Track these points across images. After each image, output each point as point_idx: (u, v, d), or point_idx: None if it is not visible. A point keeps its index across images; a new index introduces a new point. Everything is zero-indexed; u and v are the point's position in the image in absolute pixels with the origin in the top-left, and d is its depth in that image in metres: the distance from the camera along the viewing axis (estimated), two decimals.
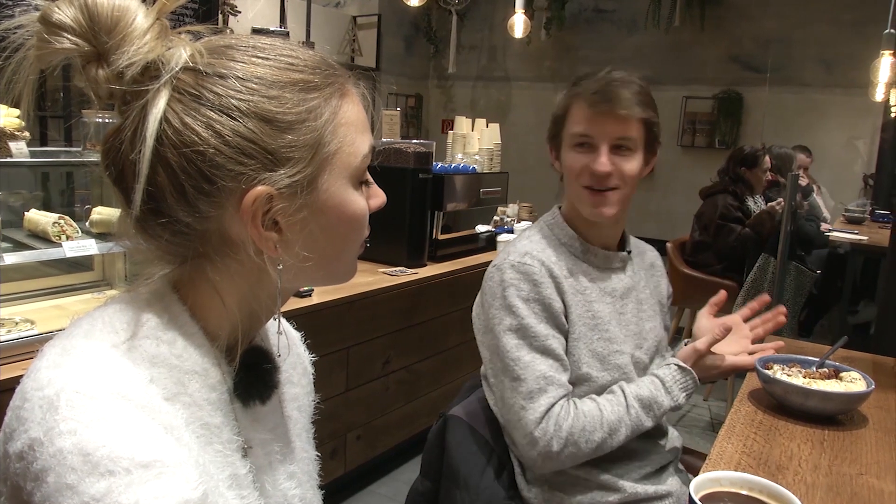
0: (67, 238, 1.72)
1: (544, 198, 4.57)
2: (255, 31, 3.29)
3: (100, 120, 1.74)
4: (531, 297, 1.24)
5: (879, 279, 4.09)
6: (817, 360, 1.40)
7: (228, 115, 0.59)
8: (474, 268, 2.93)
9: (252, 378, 0.68)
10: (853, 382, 1.31)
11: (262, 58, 0.62)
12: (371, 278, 2.53)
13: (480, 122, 3.44)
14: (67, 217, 1.74)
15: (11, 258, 1.60)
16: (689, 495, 0.84)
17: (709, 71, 6.76)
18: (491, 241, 3.28)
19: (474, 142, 3.29)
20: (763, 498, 0.88)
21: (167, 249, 0.64)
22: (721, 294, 1.41)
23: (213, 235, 0.63)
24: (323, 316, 2.21)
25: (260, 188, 0.60)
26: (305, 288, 2.18)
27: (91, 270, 2.07)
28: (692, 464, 1.50)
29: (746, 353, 1.35)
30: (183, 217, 0.61)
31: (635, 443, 1.29)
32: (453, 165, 3.13)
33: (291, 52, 0.65)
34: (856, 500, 1.02)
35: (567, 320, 1.27)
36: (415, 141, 3.06)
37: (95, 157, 0.65)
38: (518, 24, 4.54)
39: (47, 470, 0.51)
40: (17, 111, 1.66)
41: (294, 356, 0.83)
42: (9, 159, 1.62)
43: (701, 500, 0.85)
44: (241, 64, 0.61)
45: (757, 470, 1.09)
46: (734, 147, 5.10)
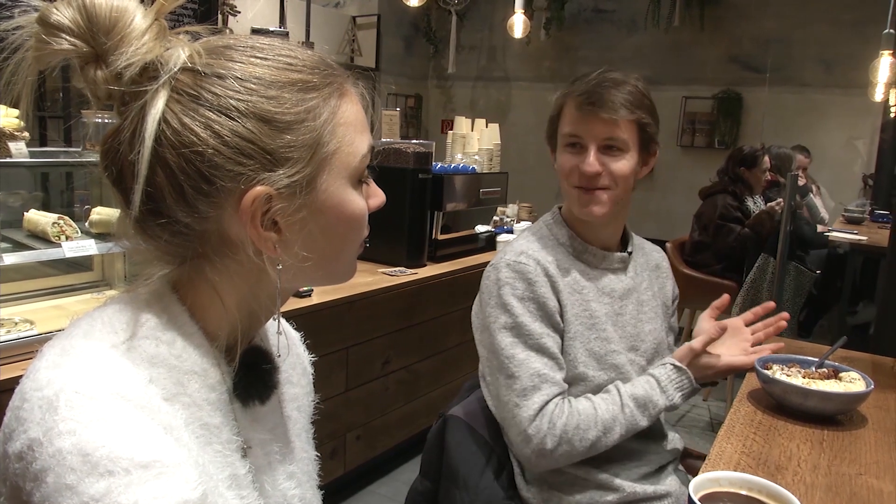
0: (67, 238, 1.72)
1: (544, 198, 4.57)
2: (255, 31, 3.29)
3: (99, 120, 1.73)
4: (526, 295, 1.24)
5: (879, 279, 4.08)
6: (816, 360, 1.40)
7: (227, 116, 0.59)
8: (474, 268, 2.93)
9: (251, 378, 0.68)
10: (852, 382, 1.31)
11: (261, 58, 0.62)
12: (371, 278, 2.53)
13: (480, 122, 3.44)
14: (67, 217, 1.74)
15: (11, 258, 1.60)
16: (689, 495, 0.84)
17: (708, 71, 6.76)
18: (490, 241, 3.29)
19: (474, 142, 3.29)
20: (762, 498, 0.88)
21: (166, 250, 0.64)
22: (724, 298, 1.41)
23: (213, 236, 0.63)
24: (322, 316, 2.21)
25: (259, 188, 0.60)
26: (305, 288, 2.18)
27: (90, 271, 2.07)
28: (692, 464, 1.50)
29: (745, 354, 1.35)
30: (182, 217, 0.61)
31: (634, 443, 1.29)
32: (453, 165, 3.13)
33: (290, 52, 0.65)
34: (855, 500, 1.02)
35: (563, 319, 1.27)
36: (414, 141, 3.06)
37: (94, 157, 0.65)
38: (518, 24, 4.53)
39: (46, 470, 0.51)
40: (16, 111, 1.66)
41: (293, 356, 0.83)
42: (8, 160, 1.62)
43: (700, 500, 0.85)
44: (240, 64, 0.61)
45: (756, 470, 1.08)
46: (734, 147, 5.10)
